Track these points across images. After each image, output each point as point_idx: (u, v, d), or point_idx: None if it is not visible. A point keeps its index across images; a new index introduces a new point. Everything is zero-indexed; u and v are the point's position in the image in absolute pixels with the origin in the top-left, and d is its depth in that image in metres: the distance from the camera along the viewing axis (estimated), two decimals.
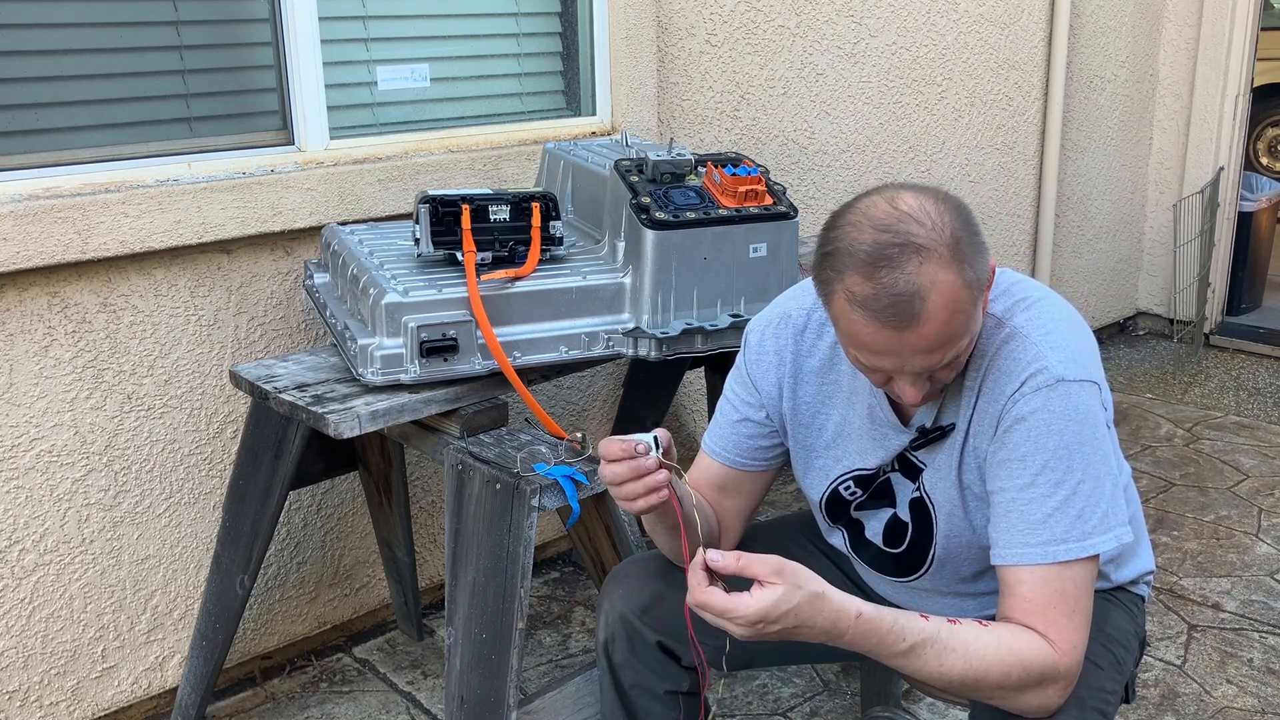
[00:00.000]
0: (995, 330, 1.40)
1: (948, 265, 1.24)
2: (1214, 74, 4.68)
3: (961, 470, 1.45)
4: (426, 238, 1.98)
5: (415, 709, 2.48)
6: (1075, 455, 1.33)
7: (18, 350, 2.12)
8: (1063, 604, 1.32)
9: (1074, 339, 1.39)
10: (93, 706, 2.35)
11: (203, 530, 2.43)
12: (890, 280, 1.23)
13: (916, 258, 1.23)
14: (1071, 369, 1.36)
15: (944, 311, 1.25)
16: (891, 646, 1.29)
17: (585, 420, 3.07)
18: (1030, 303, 1.42)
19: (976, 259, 1.28)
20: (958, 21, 3.84)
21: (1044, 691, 1.33)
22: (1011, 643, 1.31)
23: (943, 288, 1.24)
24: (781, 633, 1.25)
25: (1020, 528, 1.34)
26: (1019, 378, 1.36)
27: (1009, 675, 1.30)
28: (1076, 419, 1.34)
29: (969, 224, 1.29)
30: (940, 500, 1.49)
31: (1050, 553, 1.33)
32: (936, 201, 1.28)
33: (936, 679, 1.31)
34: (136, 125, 2.26)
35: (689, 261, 2.03)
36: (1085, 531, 1.33)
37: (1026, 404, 1.34)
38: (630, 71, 2.89)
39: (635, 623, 1.65)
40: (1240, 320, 5.02)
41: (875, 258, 1.24)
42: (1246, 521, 3.27)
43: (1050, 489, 1.33)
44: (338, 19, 2.48)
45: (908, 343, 1.26)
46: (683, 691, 1.70)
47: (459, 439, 1.93)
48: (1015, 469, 1.35)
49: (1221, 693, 2.48)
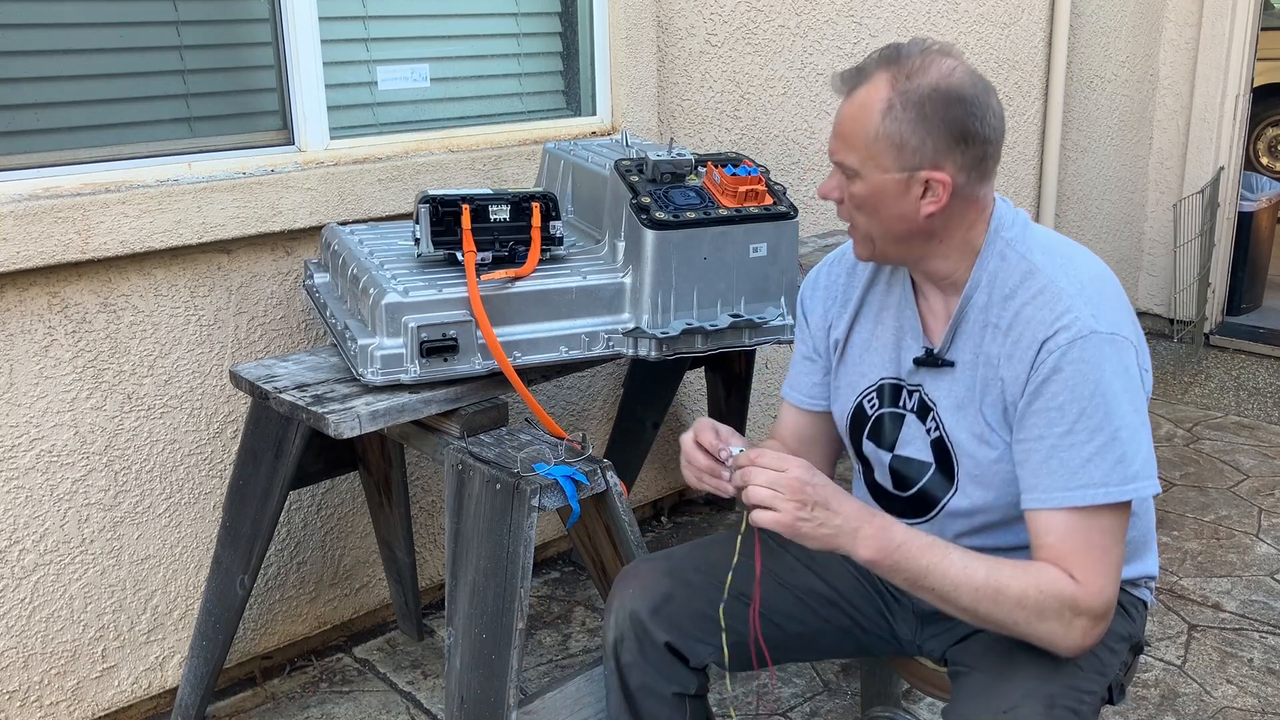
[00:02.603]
0: (1027, 277, 1.45)
1: (890, 86, 1.40)
2: (1214, 74, 4.68)
3: (983, 404, 1.48)
4: (426, 238, 1.98)
5: (415, 709, 2.48)
6: (1113, 403, 1.37)
7: (18, 350, 2.12)
8: (1090, 550, 1.36)
9: (1108, 297, 1.44)
10: (93, 706, 2.35)
11: (203, 530, 2.43)
12: (866, 60, 1.46)
13: (889, 66, 1.42)
14: (1104, 322, 1.40)
15: (856, 106, 1.42)
16: (918, 536, 1.38)
17: (585, 420, 3.07)
18: (1066, 257, 1.47)
19: (915, 123, 1.38)
20: (958, 21, 3.84)
21: (1066, 623, 1.37)
22: (1033, 569, 1.37)
23: (871, 89, 1.41)
24: (822, 502, 1.35)
25: (1060, 473, 1.38)
26: (1051, 325, 1.40)
27: (1026, 594, 1.35)
28: (1110, 369, 1.38)
29: (947, 109, 1.39)
30: (959, 438, 1.51)
31: (1090, 495, 1.36)
32: (956, 78, 1.40)
33: (962, 581, 1.36)
34: (136, 125, 2.26)
35: (689, 261, 2.03)
36: (1126, 476, 1.37)
37: (1062, 355, 1.38)
38: (630, 71, 2.89)
39: (646, 622, 1.65)
40: (1240, 320, 5.02)
41: (883, 49, 1.45)
42: (1246, 521, 3.27)
43: (1089, 434, 1.37)
44: (338, 19, 2.48)
45: (837, 112, 1.46)
46: (690, 694, 1.69)
47: (459, 439, 1.93)
48: (1054, 417, 1.39)
49: (1221, 693, 2.48)
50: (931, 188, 1.42)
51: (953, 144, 1.40)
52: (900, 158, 1.41)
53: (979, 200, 1.48)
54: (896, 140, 1.40)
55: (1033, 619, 1.37)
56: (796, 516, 1.34)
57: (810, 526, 1.35)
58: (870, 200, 1.45)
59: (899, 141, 1.40)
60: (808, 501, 1.35)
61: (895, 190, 1.43)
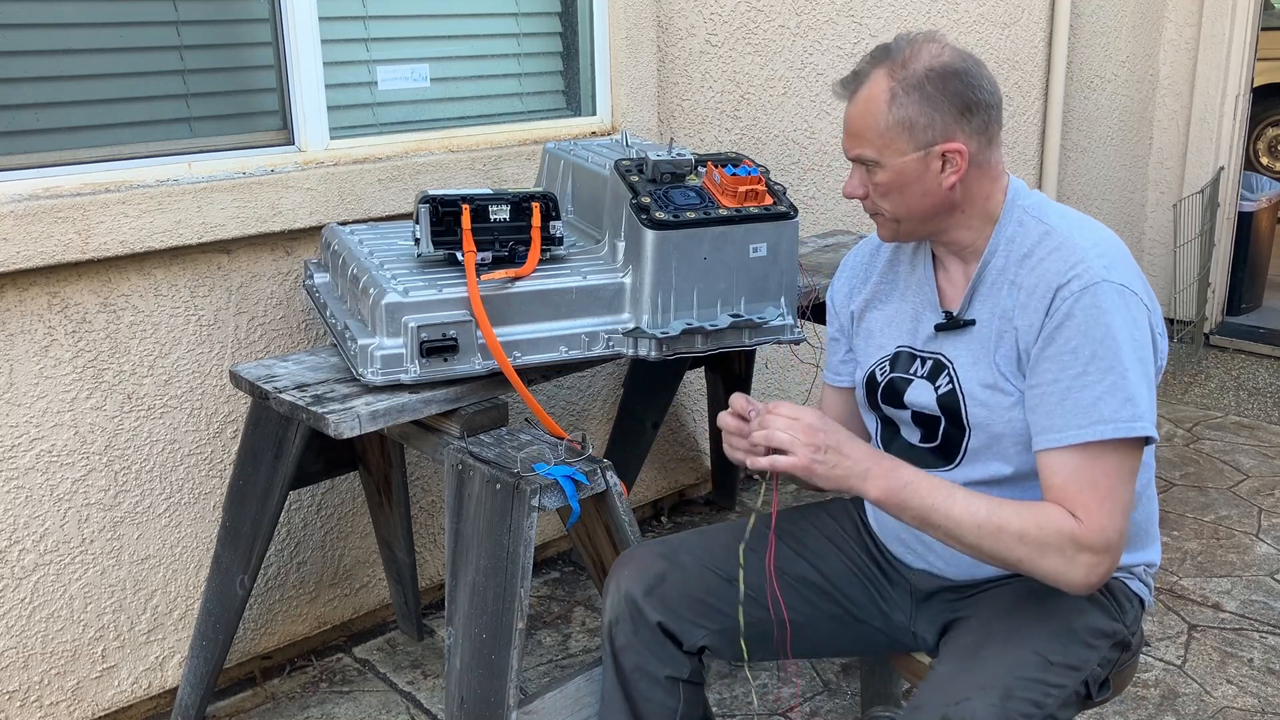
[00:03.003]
0: (1044, 238, 1.53)
1: (889, 77, 1.50)
2: (1214, 74, 4.68)
3: (996, 354, 1.54)
4: (426, 238, 1.98)
5: (415, 709, 2.48)
6: (1123, 347, 1.44)
7: (18, 350, 2.12)
8: (1095, 489, 1.42)
9: (1120, 256, 1.52)
10: (93, 706, 2.35)
11: (203, 530, 2.43)
12: (859, 66, 1.55)
13: (882, 62, 1.52)
14: (1115, 274, 1.47)
15: (862, 103, 1.52)
16: (924, 478, 1.47)
17: (585, 420, 3.07)
18: (1078, 221, 1.56)
19: (921, 104, 1.48)
20: (958, 21, 3.84)
21: (1069, 559, 1.42)
22: (1035, 507, 1.44)
23: (872, 85, 1.51)
24: (834, 447, 1.45)
25: (1074, 412, 1.44)
26: (1065, 274, 1.47)
27: (1026, 530, 1.42)
28: (1120, 317, 1.45)
29: (945, 84, 1.48)
30: (972, 389, 1.56)
31: (1098, 431, 1.42)
32: (946, 56, 1.49)
33: (964, 519, 1.44)
34: (136, 125, 2.26)
35: (689, 261, 2.03)
36: (1134, 415, 1.42)
37: (1075, 301, 1.45)
38: (630, 71, 2.89)
39: (639, 601, 1.69)
40: (1240, 320, 5.02)
41: (873, 51, 1.55)
42: (1246, 521, 3.27)
43: (1100, 375, 1.43)
44: (338, 19, 2.48)
45: (845, 116, 1.56)
46: (683, 679, 1.71)
47: (459, 439, 1.93)
48: (1068, 361, 1.45)
49: (1221, 693, 2.48)
50: (949, 159, 1.51)
51: (959, 115, 1.49)
52: (914, 138, 1.50)
53: (992, 167, 1.56)
54: (907, 123, 1.49)
55: (1034, 555, 1.43)
56: (811, 458, 1.45)
57: (824, 468, 1.46)
58: (895, 184, 1.53)
59: (910, 124, 1.49)
60: (821, 445, 1.45)
61: (916, 169, 1.51)
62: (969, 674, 1.49)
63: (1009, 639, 1.53)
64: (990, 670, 1.48)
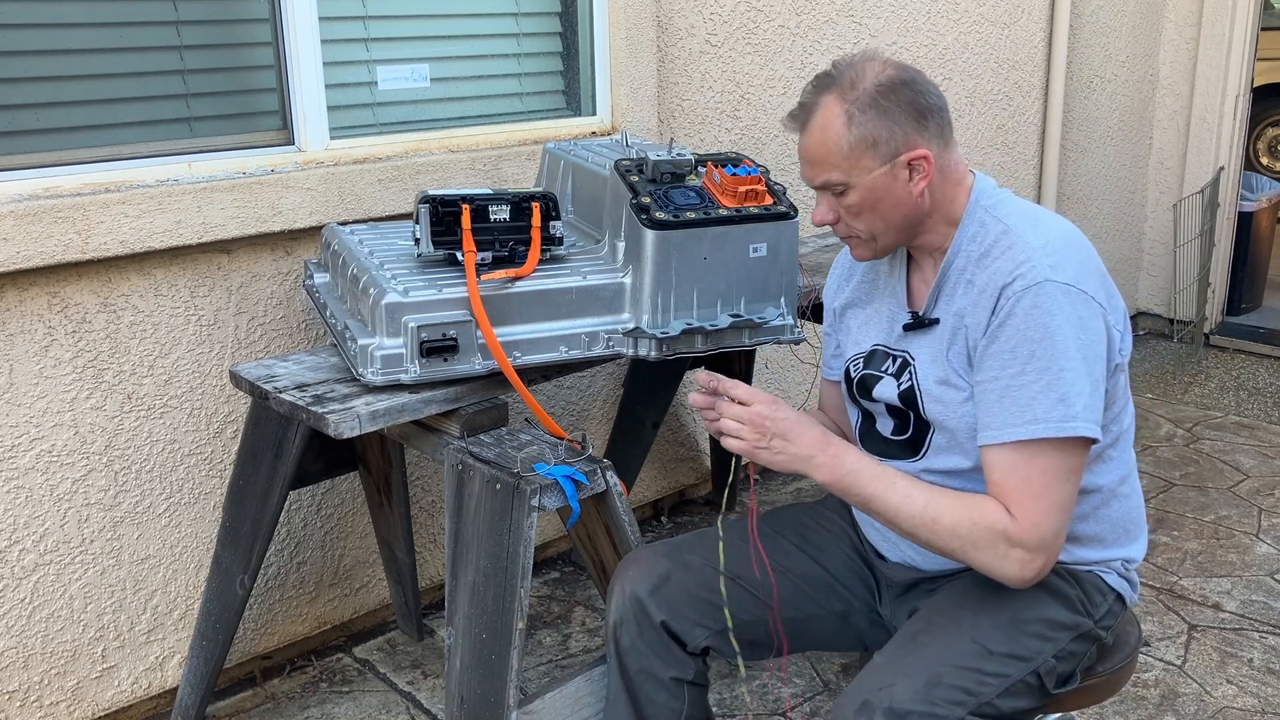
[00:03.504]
0: (1001, 237, 1.54)
1: (840, 101, 1.52)
2: (1214, 74, 4.68)
3: (949, 351, 1.56)
4: (426, 238, 1.98)
5: (415, 709, 2.48)
6: (1059, 346, 1.45)
7: (18, 350, 2.12)
8: (1029, 486, 1.46)
9: (1073, 255, 1.51)
10: (93, 706, 2.35)
11: (203, 530, 2.43)
12: (803, 96, 1.57)
13: (828, 88, 1.54)
14: (1060, 273, 1.47)
15: (818, 131, 1.53)
16: (868, 467, 1.53)
17: (585, 420, 3.07)
18: (1035, 218, 1.57)
19: (879, 119, 1.50)
20: (958, 21, 3.84)
21: (1001, 555, 1.47)
22: (971, 502, 1.49)
23: (824, 111, 1.53)
24: (781, 434, 1.53)
25: (1011, 410, 1.47)
26: (1011, 273, 1.49)
27: (959, 524, 1.48)
28: (1062, 314, 1.46)
29: (897, 96, 1.50)
30: (928, 385, 1.59)
31: (1029, 430, 1.45)
32: (890, 70, 1.52)
33: (902, 508, 1.50)
34: (136, 125, 2.26)
35: (689, 261, 2.03)
36: (1066, 415, 1.45)
37: (1017, 301, 1.47)
38: (630, 71, 2.89)
39: (644, 601, 1.71)
40: (1240, 320, 5.03)
41: (814, 80, 1.57)
42: (1246, 521, 3.27)
43: (1037, 374, 1.45)
44: (338, 19, 2.48)
45: (800, 148, 1.57)
46: (688, 680, 1.72)
47: (459, 439, 1.93)
48: (1007, 360, 1.48)
49: (1221, 693, 2.48)
50: (916, 165, 1.53)
51: (916, 122, 1.52)
52: (879, 152, 1.52)
53: (954, 170, 1.59)
54: (869, 140, 1.52)
55: (968, 548, 1.49)
56: (755, 445, 1.54)
57: (768, 454, 1.54)
58: (867, 201, 1.56)
59: (872, 140, 1.52)
60: (768, 433, 1.53)
61: (886, 182, 1.54)
62: (899, 661, 1.51)
63: (947, 627, 1.55)
64: (921, 657, 1.51)
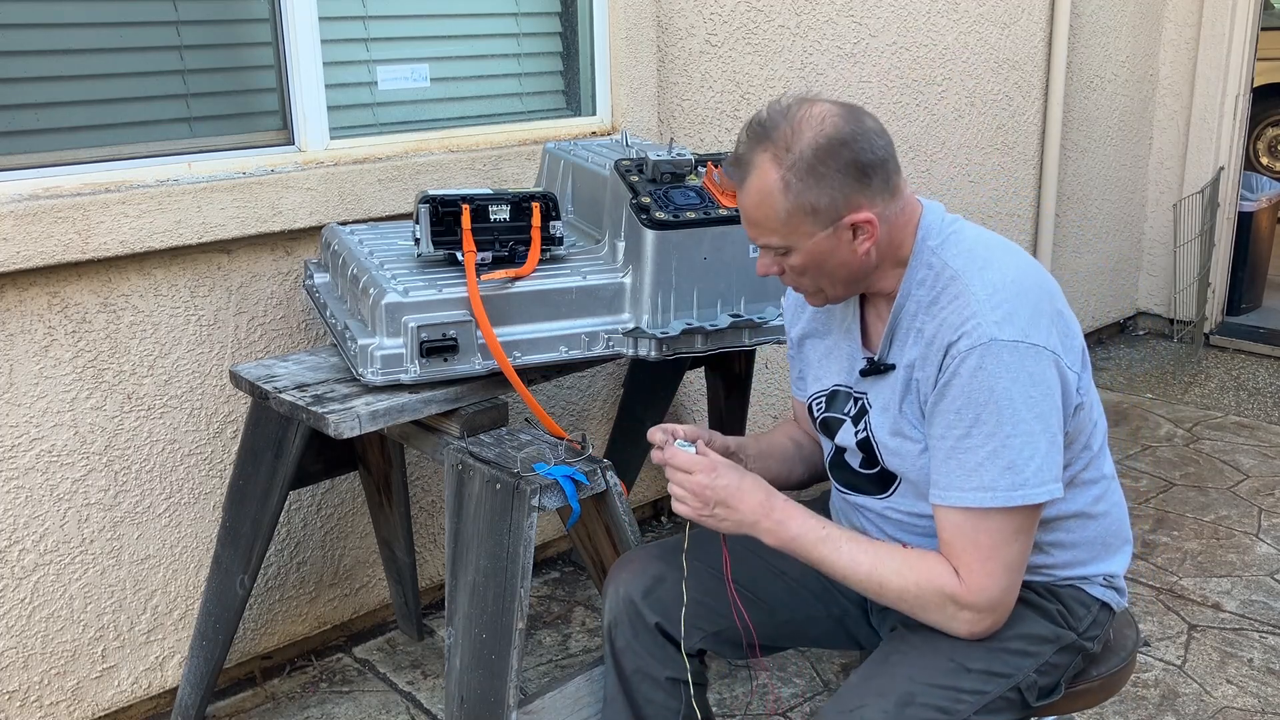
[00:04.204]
0: (949, 282, 1.49)
1: (776, 164, 1.44)
2: (1214, 74, 4.68)
3: (903, 403, 1.53)
4: (426, 238, 1.98)
5: (415, 709, 2.48)
6: (1006, 410, 1.41)
7: (18, 350, 2.12)
8: (977, 549, 1.44)
9: (1023, 302, 1.45)
10: (93, 706, 2.35)
11: (203, 530, 2.43)
12: (739, 146, 1.50)
13: (763, 144, 1.45)
14: (1006, 330, 1.42)
15: (755, 195, 1.47)
16: (813, 530, 1.51)
17: (585, 420, 3.07)
18: (985, 261, 1.50)
19: (814, 185, 1.43)
20: (958, 21, 3.84)
21: (949, 616, 1.47)
22: (918, 565, 1.47)
23: (761, 174, 1.45)
24: (721, 501, 1.52)
25: (958, 473, 1.44)
26: (956, 330, 1.44)
27: (906, 589, 1.47)
28: (1009, 376, 1.41)
29: (835, 158, 1.43)
30: (882, 437, 1.57)
31: (978, 498, 1.43)
32: (829, 125, 1.43)
33: (849, 573, 1.50)
34: (136, 125, 2.26)
35: (689, 261, 2.03)
36: (1014, 483, 1.41)
37: (962, 361, 1.43)
38: (630, 71, 2.89)
39: (638, 603, 1.70)
40: (1240, 320, 5.03)
41: (749, 127, 1.49)
42: (1246, 521, 3.27)
43: (983, 439, 1.42)
44: (338, 19, 2.48)
45: (739, 203, 1.51)
46: (684, 680, 1.72)
47: (459, 439, 1.93)
48: (953, 420, 1.44)
49: (1221, 693, 2.48)
50: (860, 228, 1.47)
51: (857, 183, 1.45)
52: (819, 219, 1.46)
53: (901, 215, 1.52)
54: (808, 208, 1.45)
55: (916, 610, 1.49)
56: (699, 513, 1.55)
57: (713, 521, 1.55)
58: (811, 263, 1.51)
59: (811, 208, 1.45)
60: (709, 500, 1.53)
61: (828, 245, 1.48)
62: (872, 681, 1.51)
63: (921, 645, 1.53)
64: (894, 676, 1.50)
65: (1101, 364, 4.72)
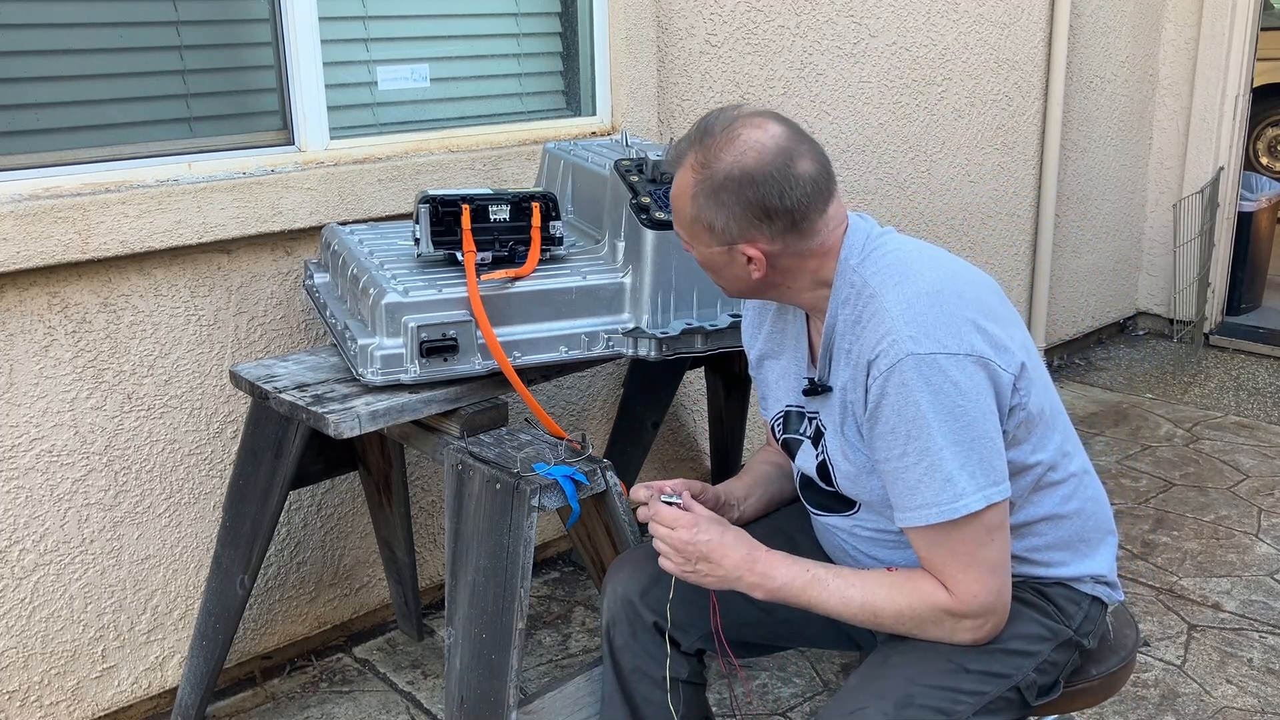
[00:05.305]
0: (869, 300, 1.47)
1: (693, 173, 1.47)
2: (1214, 74, 4.68)
3: (843, 426, 1.53)
4: (426, 238, 1.98)
5: (415, 709, 2.48)
6: (932, 424, 1.40)
7: (18, 350, 2.12)
8: (955, 559, 1.44)
9: (939, 311, 1.43)
10: (93, 706, 2.35)
11: (203, 530, 2.43)
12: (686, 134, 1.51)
13: (694, 148, 1.48)
14: (922, 343, 1.40)
15: (675, 188, 1.51)
16: (799, 576, 1.51)
17: (585, 420, 3.07)
18: (901, 275, 1.47)
19: (713, 207, 1.46)
20: (958, 21, 3.84)
21: (949, 629, 1.47)
22: (907, 586, 1.47)
23: (682, 174, 1.50)
24: (704, 557, 1.52)
25: (904, 494, 1.44)
26: (874, 349, 1.44)
27: (901, 613, 1.47)
28: (930, 389, 1.39)
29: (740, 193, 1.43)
30: (836, 459, 1.57)
31: (925, 515, 1.42)
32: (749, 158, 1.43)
33: (842, 610, 1.49)
34: (136, 125, 2.26)
35: (689, 261, 2.03)
36: (954, 495, 1.40)
37: (886, 381, 1.42)
38: (630, 71, 2.89)
39: (636, 603, 1.71)
40: (1240, 320, 5.03)
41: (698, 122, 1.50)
42: (1246, 521, 3.27)
43: (917, 457, 1.41)
44: (338, 19, 2.48)
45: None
46: (683, 679, 1.72)
47: (459, 439, 1.93)
48: (890, 442, 1.44)
49: (1221, 693, 2.48)
50: (752, 260, 1.49)
51: (755, 221, 1.46)
52: (714, 236, 1.49)
53: (814, 250, 1.50)
54: (706, 223, 1.48)
55: (915, 629, 1.49)
56: (682, 569, 1.55)
57: (696, 577, 1.54)
58: (709, 267, 1.55)
59: (709, 223, 1.48)
60: (691, 556, 1.53)
61: (722, 260, 1.51)
62: (871, 683, 1.50)
63: (920, 645, 1.53)
64: (893, 678, 1.49)
65: (1101, 364, 4.72)
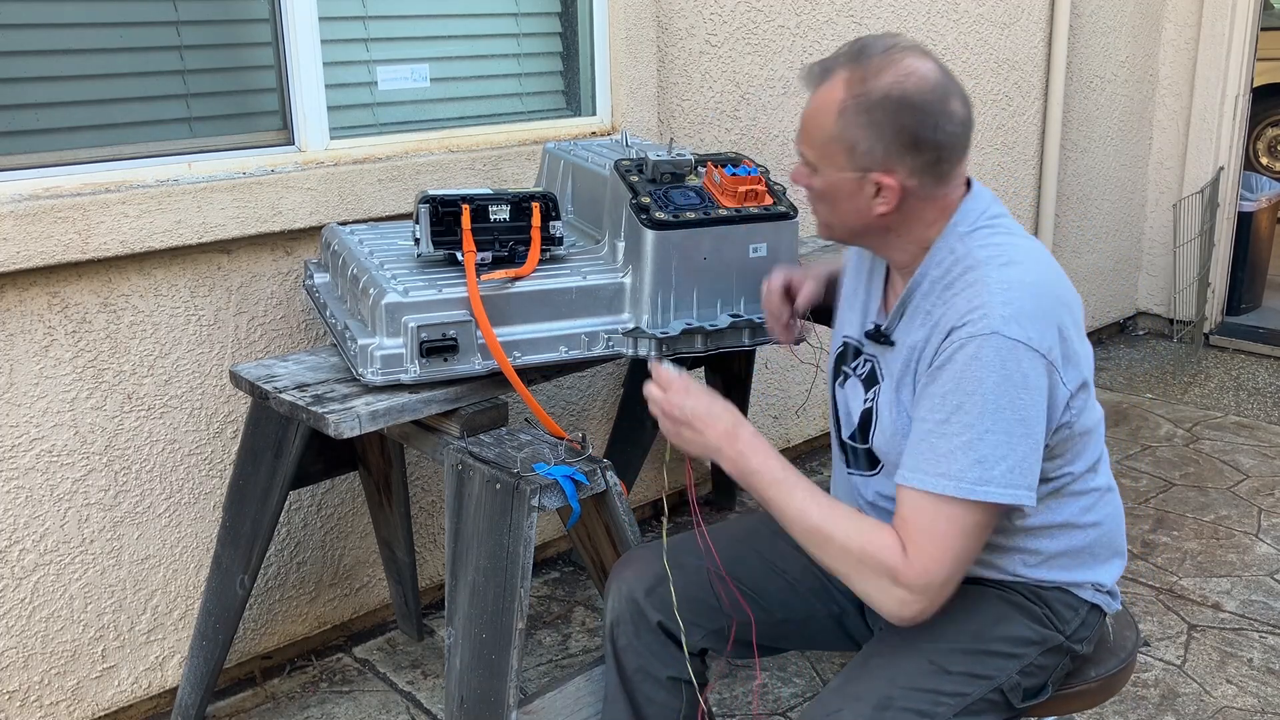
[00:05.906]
0: (967, 271, 1.46)
1: (847, 87, 1.44)
2: (1214, 74, 4.68)
3: (900, 384, 1.52)
4: (426, 238, 1.98)
5: (415, 709, 2.48)
6: (990, 405, 1.38)
7: (18, 350, 2.12)
8: (930, 533, 1.40)
9: (1035, 306, 1.42)
10: (93, 706, 2.35)
11: (203, 530, 2.43)
12: (834, 54, 1.49)
13: (850, 64, 1.45)
14: (1012, 328, 1.39)
15: (816, 104, 1.48)
16: (772, 471, 1.49)
17: (585, 420, 3.07)
18: (1010, 259, 1.46)
19: (866, 128, 1.43)
20: (957, 21, 3.84)
21: (883, 589, 1.42)
22: (869, 532, 1.44)
23: (830, 88, 1.46)
24: (687, 422, 1.53)
25: (928, 456, 1.41)
26: (963, 316, 1.42)
27: (848, 549, 1.43)
28: (1001, 373, 1.38)
29: (897, 116, 1.41)
30: (882, 412, 1.56)
31: (939, 484, 1.40)
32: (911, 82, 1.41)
33: (796, 520, 1.47)
34: (136, 125, 2.26)
35: (689, 261, 2.03)
36: (981, 478, 1.38)
37: (960, 348, 1.40)
38: (630, 71, 2.89)
39: (640, 602, 1.71)
40: (1240, 320, 5.03)
41: (852, 44, 1.48)
42: (1246, 521, 3.27)
43: (961, 428, 1.39)
44: (338, 19, 2.48)
45: (804, 110, 1.52)
46: (685, 680, 1.72)
47: (459, 439, 1.93)
48: (937, 404, 1.42)
49: (1221, 693, 2.48)
50: (883, 190, 1.46)
51: (903, 150, 1.43)
52: (852, 159, 1.45)
53: (940, 199, 1.50)
54: (849, 142, 1.45)
55: (852, 573, 1.44)
56: (668, 430, 1.56)
57: (679, 440, 1.56)
58: (827, 194, 1.51)
59: (851, 144, 1.44)
60: (677, 419, 1.54)
61: (849, 189, 1.48)
62: (849, 685, 1.50)
63: (900, 647, 1.52)
64: (871, 680, 1.49)
65: (1101, 364, 4.72)
